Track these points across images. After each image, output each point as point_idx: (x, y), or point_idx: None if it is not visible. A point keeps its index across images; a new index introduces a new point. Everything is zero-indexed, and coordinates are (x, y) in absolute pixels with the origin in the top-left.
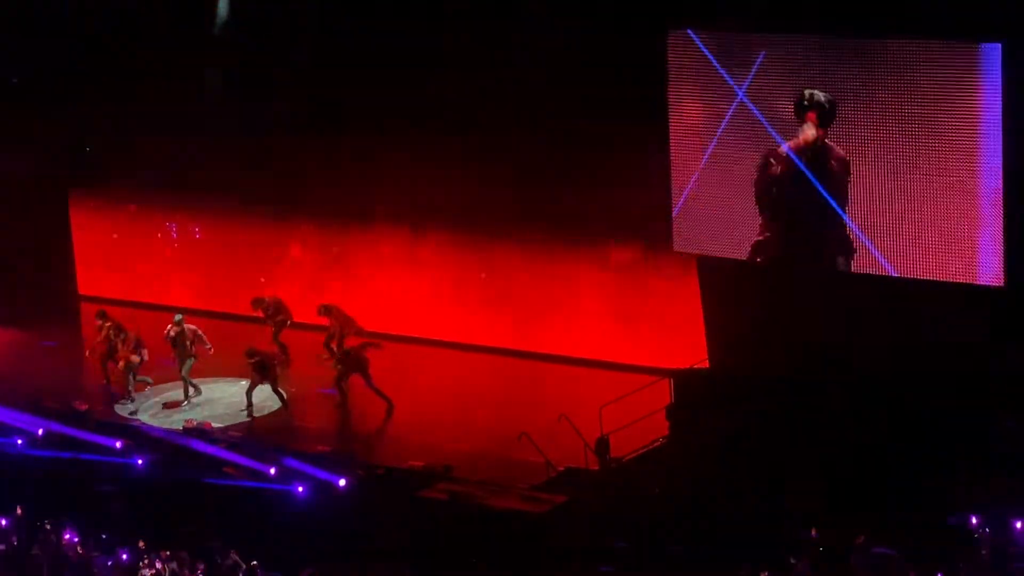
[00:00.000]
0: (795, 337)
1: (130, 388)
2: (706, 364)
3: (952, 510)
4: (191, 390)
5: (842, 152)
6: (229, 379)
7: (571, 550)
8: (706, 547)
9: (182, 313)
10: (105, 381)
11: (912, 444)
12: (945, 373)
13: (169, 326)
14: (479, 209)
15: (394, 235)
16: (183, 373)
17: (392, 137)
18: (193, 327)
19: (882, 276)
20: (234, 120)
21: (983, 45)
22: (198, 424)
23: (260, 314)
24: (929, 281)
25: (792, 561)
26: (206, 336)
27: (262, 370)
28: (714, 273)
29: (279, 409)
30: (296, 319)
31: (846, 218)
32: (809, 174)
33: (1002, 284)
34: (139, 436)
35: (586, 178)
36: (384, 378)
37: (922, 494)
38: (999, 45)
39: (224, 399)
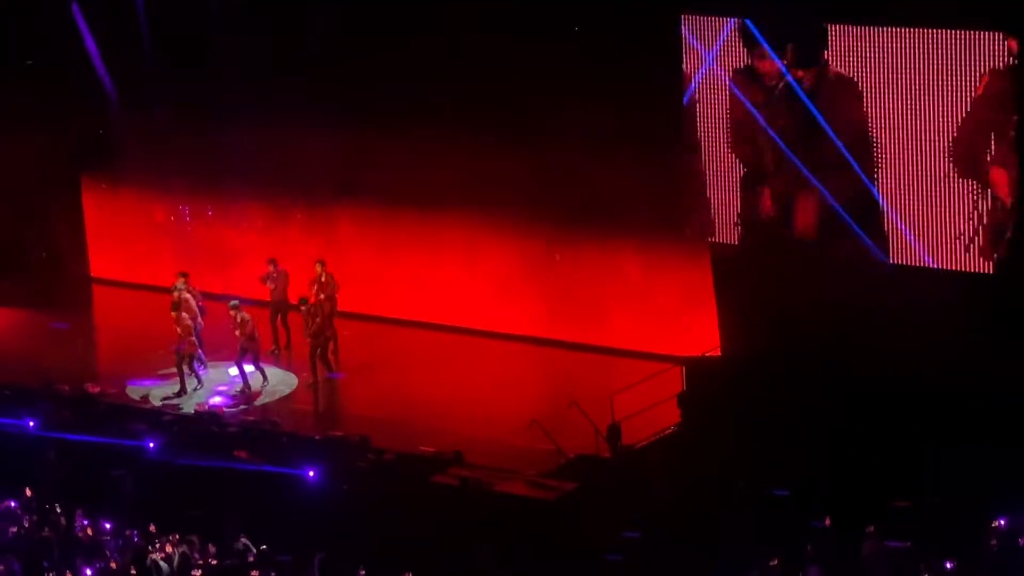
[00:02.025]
0: (807, 325)
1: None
2: (718, 352)
3: (962, 500)
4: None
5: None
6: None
7: (580, 538)
8: (716, 534)
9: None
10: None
11: (924, 433)
12: (957, 362)
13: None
14: (494, 196)
15: (409, 221)
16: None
17: (417, 122)
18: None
19: (894, 263)
20: (249, 101)
21: (996, 33)
22: (210, 408)
23: (267, 273)
24: (945, 271)
25: (804, 549)
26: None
27: (251, 338)
28: (727, 260)
29: (289, 393)
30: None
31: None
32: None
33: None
34: (151, 419)
35: (600, 165)
36: (396, 363)
37: (933, 484)
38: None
39: (236, 382)
